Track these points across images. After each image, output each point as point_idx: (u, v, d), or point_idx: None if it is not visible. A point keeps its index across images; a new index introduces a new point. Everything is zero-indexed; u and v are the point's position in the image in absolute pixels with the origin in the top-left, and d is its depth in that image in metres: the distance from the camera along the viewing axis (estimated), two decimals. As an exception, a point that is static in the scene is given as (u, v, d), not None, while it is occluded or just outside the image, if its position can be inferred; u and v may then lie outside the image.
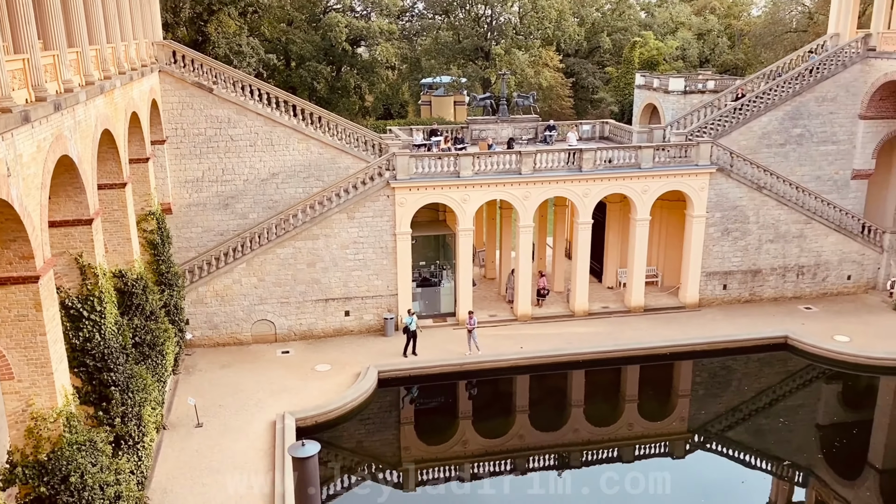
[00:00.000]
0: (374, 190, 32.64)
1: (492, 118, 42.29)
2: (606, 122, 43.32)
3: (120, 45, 25.04)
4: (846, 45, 38.55)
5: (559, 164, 34.44)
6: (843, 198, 39.38)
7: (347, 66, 68.40)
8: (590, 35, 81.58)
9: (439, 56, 70.02)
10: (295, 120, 33.35)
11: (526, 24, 70.06)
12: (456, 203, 33.54)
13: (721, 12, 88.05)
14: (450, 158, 33.55)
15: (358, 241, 33.02)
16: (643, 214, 35.32)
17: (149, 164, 27.93)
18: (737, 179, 35.96)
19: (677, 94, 50.53)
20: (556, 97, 76.25)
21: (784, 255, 37.51)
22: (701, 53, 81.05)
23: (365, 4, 68.87)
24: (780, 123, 38.20)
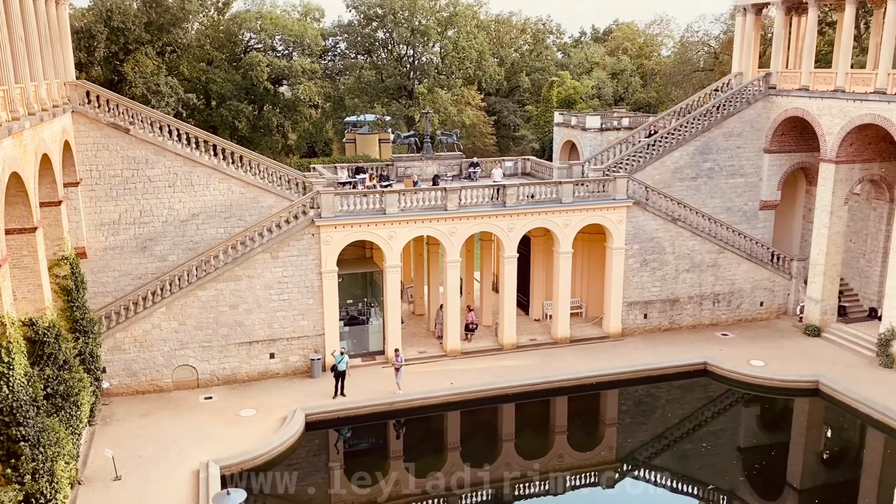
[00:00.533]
0: (299, 228, 32.33)
1: (417, 155, 42.70)
2: (528, 158, 44.35)
3: (29, 86, 24.21)
4: (749, 84, 40.82)
5: (484, 200, 34.96)
6: (752, 228, 41.31)
7: (270, 104, 67.96)
8: (510, 75, 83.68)
9: (363, 95, 70.45)
10: (216, 159, 32.84)
11: (448, 63, 71.36)
12: (382, 240, 33.54)
13: (633, 53, 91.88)
14: (375, 196, 33.63)
15: (282, 281, 32.54)
16: (566, 247, 36.12)
17: (61, 207, 26.93)
18: (652, 212, 37.27)
19: (594, 131, 52.27)
20: (480, 135, 77.60)
21: (700, 283, 38.94)
22: (615, 92, 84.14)
23: (286, 44, 68.79)
24: (692, 158, 39.95)
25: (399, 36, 69.48)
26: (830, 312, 38.55)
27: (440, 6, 70.99)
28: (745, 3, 42.26)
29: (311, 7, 74.39)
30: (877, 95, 34.36)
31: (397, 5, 68.49)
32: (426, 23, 68.91)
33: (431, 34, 69.24)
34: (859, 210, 40.22)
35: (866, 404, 30.64)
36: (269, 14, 68.44)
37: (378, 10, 69.47)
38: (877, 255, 39.45)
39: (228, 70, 65.33)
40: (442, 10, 70.79)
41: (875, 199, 39.48)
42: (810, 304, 38.82)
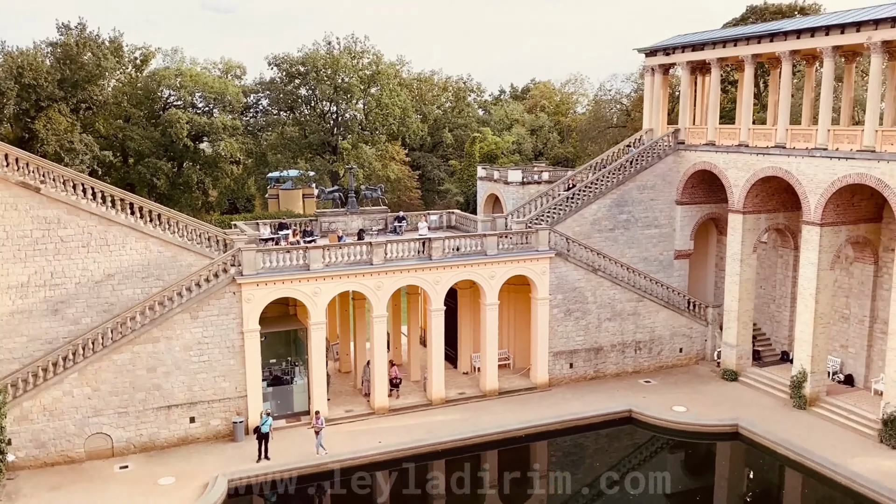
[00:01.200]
0: (219, 287, 31.60)
1: (341, 210, 42.65)
2: (453, 212, 44.94)
3: (-69, 144, 23.15)
4: (659, 139, 42.78)
5: (410, 254, 35.08)
6: (668, 276, 42.76)
7: (189, 161, 66.88)
8: (433, 130, 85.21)
9: (286, 150, 70.24)
10: (132, 218, 31.96)
11: (371, 120, 72.15)
12: (307, 297, 33.10)
13: (550, 110, 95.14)
14: (299, 252, 33.28)
15: (202, 342, 31.57)
16: (492, 299, 36.47)
17: (-36, 270, 25.54)
18: (574, 263, 38.18)
19: (516, 184, 53.35)
20: (404, 189, 78.28)
21: (622, 332, 39.86)
22: (535, 147, 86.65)
23: (207, 101, 68.19)
24: (609, 210, 41.30)
25: (322, 93, 70.01)
26: (746, 357, 39.99)
27: (363, 65, 72.07)
28: (652, 63, 44.59)
29: (232, 64, 74.27)
30: (777, 149, 36.54)
31: (320, 64, 69.18)
32: (349, 80, 69.75)
33: (355, 91, 70.05)
34: (767, 258, 42.25)
35: (784, 446, 31.68)
36: (189, 71, 67.89)
37: (300, 68, 69.97)
38: (786, 301, 41.36)
39: (147, 127, 64.16)
40: (365, 69, 71.86)
41: (781, 247, 41.58)
42: (726, 350, 40.19)
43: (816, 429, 33.09)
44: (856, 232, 35.30)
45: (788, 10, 60.80)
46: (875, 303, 36.32)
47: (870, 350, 36.70)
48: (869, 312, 36.51)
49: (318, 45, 70.95)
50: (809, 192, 34.71)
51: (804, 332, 35.64)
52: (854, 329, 37.34)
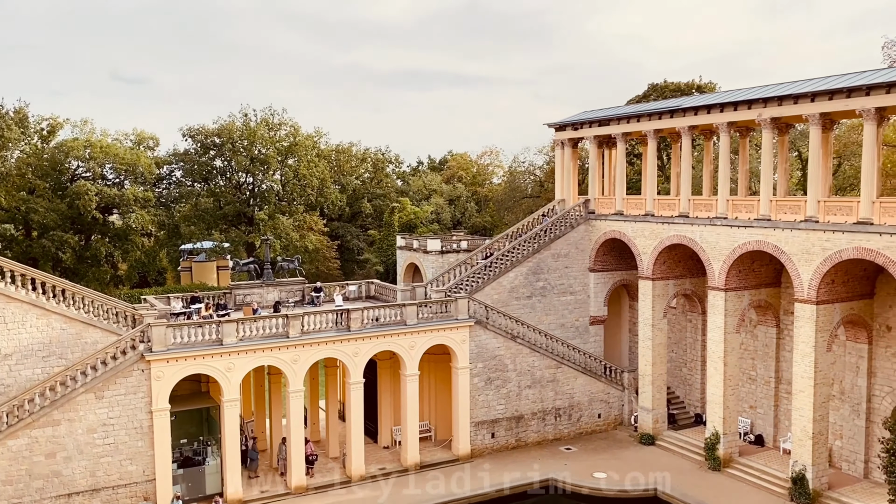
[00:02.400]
0: (127, 364, 30.23)
1: (256, 282, 41.87)
2: (372, 281, 44.79)
3: None
4: (571, 209, 44.26)
5: (328, 325, 34.58)
6: (585, 342, 43.58)
7: (98, 234, 64.57)
8: (352, 201, 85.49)
9: (200, 222, 68.79)
10: (34, 294, 30.45)
11: (289, 190, 71.81)
12: (220, 373, 32.01)
13: (467, 180, 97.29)
14: (212, 326, 32.32)
15: (108, 423, 29.93)
16: (412, 370, 36.17)
17: None
18: (493, 331, 38.48)
19: (435, 253, 53.92)
20: (323, 259, 77.65)
21: (542, 399, 40.12)
22: (453, 216, 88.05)
23: (118, 172, 66.49)
24: (525, 278, 42.09)
25: (238, 164, 69.43)
26: (661, 421, 40.81)
27: (280, 136, 72.11)
28: (562, 137, 46.50)
29: (144, 136, 72.96)
30: (681, 218, 38.36)
31: (236, 135, 68.82)
32: (266, 152, 69.53)
33: (272, 162, 69.79)
34: (677, 322, 43.74)
35: (701, 507, 32.18)
36: (100, 143, 66.22)
37: (216, 140, 69.37)
38: (696, 364, 42.73)
39: (52, 199, 61.83)
40: (282, 140, 71.88)
41: (690, 312, 43.18)
42: (643, 414, 40.94)
43: (731, 490, 33.82)
44: (758, 296, 37.09)
45: (686, 88, 64.85)
46: (779, 364, 37.97)
47: (777, 410, 38.15)
48: (774, 373, 38.11)
49: (235, 117, 70.76)
50: (713, 259, 36.40)
51: (715, 394, 36.77)
52: (761, 390, 38.82)
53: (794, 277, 32.65)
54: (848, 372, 34.35)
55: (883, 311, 33.29)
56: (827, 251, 31.24)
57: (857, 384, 33.86)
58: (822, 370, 32.30)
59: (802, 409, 32.71)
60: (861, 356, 33.74)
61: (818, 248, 31.56)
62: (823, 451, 32.69)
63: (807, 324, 32.22)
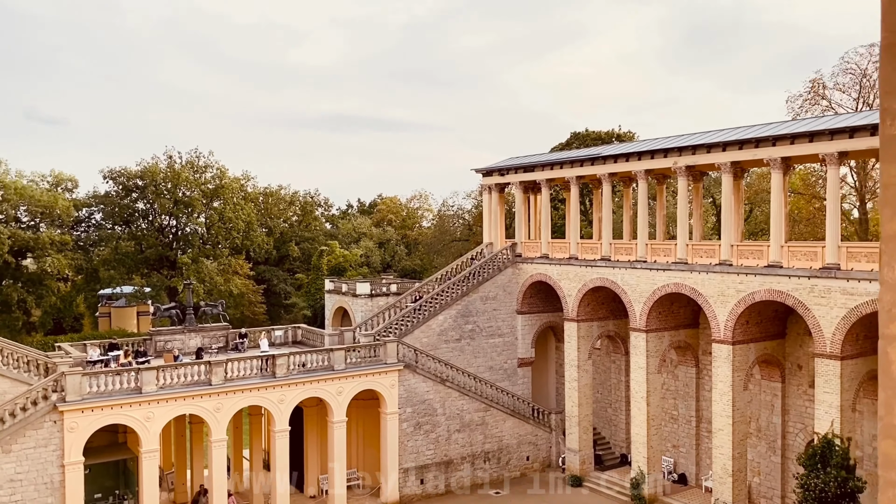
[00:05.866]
0: (38, 416, 28.77)
1: (178, 328, 40.72)
2: (299, 326, 44.16)
3: None
4: (499, 252, 44.97)
5: (252, 372, 33.83)
6: (513, 384, 43.92)
7: (10, 279, 61.69)
8: (279, 244, 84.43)
9: (120, 266, 66.58)
10: (-64, 343, 28.78)
11: (213, 234, 70.47)
12: (138, 422, 30.79)
13: (397, 224, 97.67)
14: (130, 374, 31.17)
15: (15, 479, 28.29)
16: (339, 416, 35.62)
17: None
18: (423, 374, 38.39)
19: (364, 297, 53.63)
20: (248, 304, 76.09)
21: (471, 442, 40.05)
22: (383, 259, 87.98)
23: (33, 215, 63.97)
24: (455, 321, 42.31)
25: (161, 207, 67.86)
26: (589, 462, 41.28)
27: (206, 179, 70.99)
28: (489, 182, 47.43)
29: (63, 177, 70.57)
30: (603, 262, 39.48)
31: (160, 177, 67.40)
32: (191, 194, 68.27)
33: (196, 205, 68.51)
34: (602, 363, 44.62)
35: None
36: (14, 184, 63.66)
37: (139, 182, 67.74)
38: (621, 404, 43.56)
39: (-40, 242, 58.87)
40: (207, 183, 70.77)
41: (613, 353, 44.15)
42: (570, 455, 41.34)
43: (656, 528, 34.31)
44: (677, 337, 38.30)
45: (607, 136, 67.34)
46: (699, 403, 39.11)
47: (698, 449, 39.15)
48: (695, 413, 39.20)
49: (158, 159, 69.38)
50: (634, 301, 37.49)
51: (639, 434, 37.51)
52: (683, 429, 39.82)
53: (711, 318, 33.92)
54: (764, 410, 35.68)
55: (794, 350, 34.87)
56: (741, 293, 32.65)
57: (773, 422, 35.18)
58: (739, 408, 33.46)
59: (722, 447, 33.71)
60: (775, 394, 35.14)
61: (732, 290, 32.97)
62: (743, 489, 33.66)
63: (724, 363, 33.41)
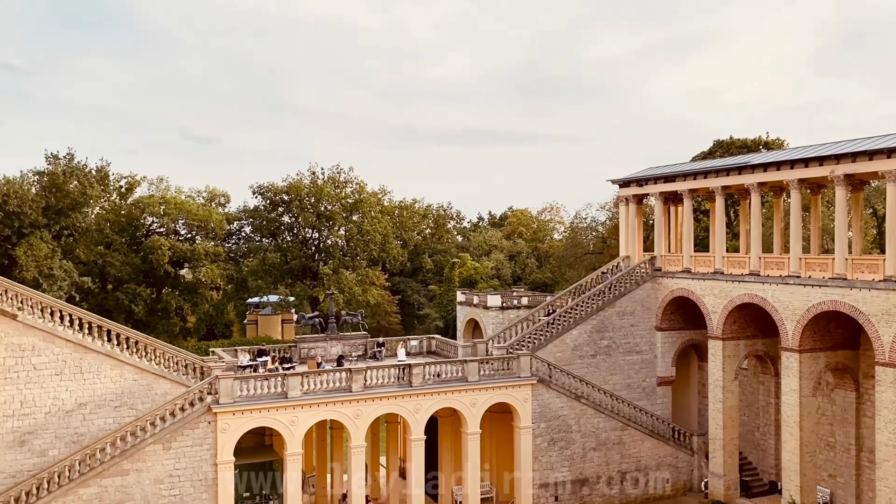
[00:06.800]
0: (194, 416, 30.72)
1: (321, 336, 42.31)
2: (433, 337, 44.75)
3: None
4: (636, 266, 43.61)
5: (390, 380, 34.57)
6: (652, 404, 42.31)
7: (169, 287, 66.69)
8: (413, 256, 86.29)
9: (267, 276, 70.36)
10: (109, 345, 31.44)
11: (352, 246, 73.04)
12: (283, 426, 32.21)
13: (528, 236, 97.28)
14: (277, 379, 32.69)
15: (174, 475, 30.31)
16: (473, 428, 35.67)
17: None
18: (557, 390, 37.78)
19: (496, 309, 53.65)
20: (384, 314, 78.17)
21: (607, 461, 38.92)
22: (514, 272, 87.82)
23: (190, 228, 68.94)
24: (589, 336, 41.39)
25: (305, 220, 71.14)
26: (734, 487, 39.02)
27: (346, 193, 73.77)
28: (626, 193, 46.18)
29: (216, 193, 75.72)
30: (752, 277, 37.34)
31: (304, 192, 70.72)
32: (332, 208, 71.14)
33: (337, 219, 71.30)
34: (749, 384, 42.15)
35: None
36: (174, 199, 69.00)
37: (284, 197, 71.39)
38: (770, 428, 40.91)
39: (128, 253, 64.35)
40: (347, 197, 73.50)
41: (762, 374, 41.59)
42: (713, 480, 39.25)
43: (811, 564, 31.86)
44: (834, 358, 35.54)
45: (753, 144, 63.89)
46: (860, 430, 36.04)
47: (859, 480, 36.05)
48: (854, 441, 36.16)
49: (303, 175, 72.83)
50: (786, 319, 35.18)
51: (791, 461, 35.06)
52: (841, 458, 36.82)
53: (875, 339, 31.23)
54: (937, 441, 32.34)
55: (973, 376, 31.39)
56: (910, 312, 29.85)
57: (948, 454, 31.80)
58: (908, 438, 30.53)
59: (887, 479, 30.86)
60: (951, 424, 31.78)
61: (900, 308, 30.20)
62: (912, 527, 30.64)
63: (889, 388, 30.63)
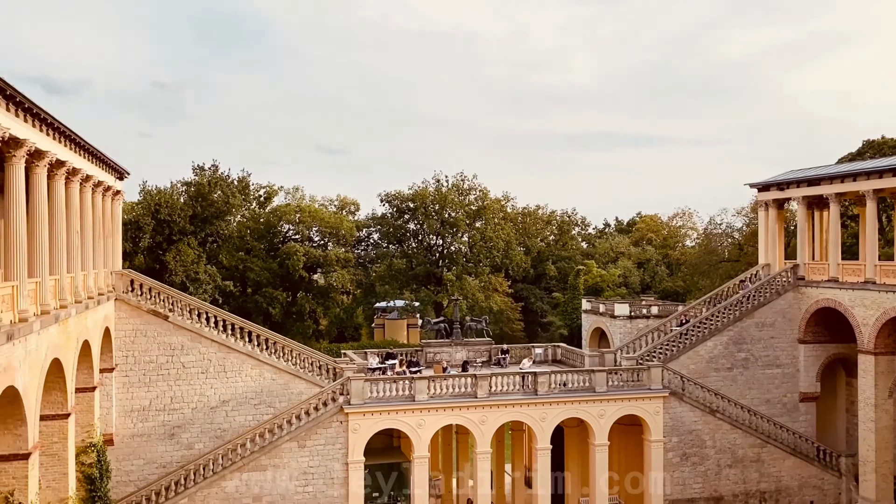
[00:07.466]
0: (327, 416, 31.83)
1: (446, 341, 42.78)
2: (559, 345, 44.17)
3: (79, 275, 25.27)
4: (777, 275, 41.18)
5: (515, 388, 34.42)
6: (793, 421, 39.76)
7: (303, 291, 69.71)
8: (536, 263, 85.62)
9: (393, 282, 72.09)
10: (250, 346, 33.18)
11: (475, 252, 73.49)
12: (411, 428, 32.78)
13: (658, 243, 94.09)
14: (405, 382, 33.33)
15: (308, 472, 31.51)
16: (601, 439, 34.88)
17: (95, 393, 27.05)
18: (690, 403, 36.28)
19: (623, 318, 52.34)
20: (507, 321, 78.01)
21: (744, 480, 36.93)
22: (642, 280, 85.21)
23: (322, 235, 71.83)
24: (726, 348, 39.47)
25: (430, 227, 72.33)
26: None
27: (469, 200, 74.37)
28: (766, 198, 43.76)
29: (347, 201, 78.50)
30: (909, 287, 34.36)
31: (429, 200, 71.94)
32: (455, 215, 71.92)
33: (460, 225, 72.01)
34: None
35: None
36: (308, 207, 72.17)
37: (410, 204, 72.92)
38: (930, 452, 37.42)
39: (266, 259, 67.83)
40: (471, 204, 74.08)
41: (920, 392, 38.12)
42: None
43: None
44: None
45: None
46: None
47: None
48: None
49: (428, 183, 74.09)
50: (950, 334, 32.10)
51: (957, 489, 31.93)
52: None
53: None
54: None
55: None
56: None
57: None
58: None
59: None
60: None
61: None
62: None
63: None
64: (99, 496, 26.30)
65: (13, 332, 16.76)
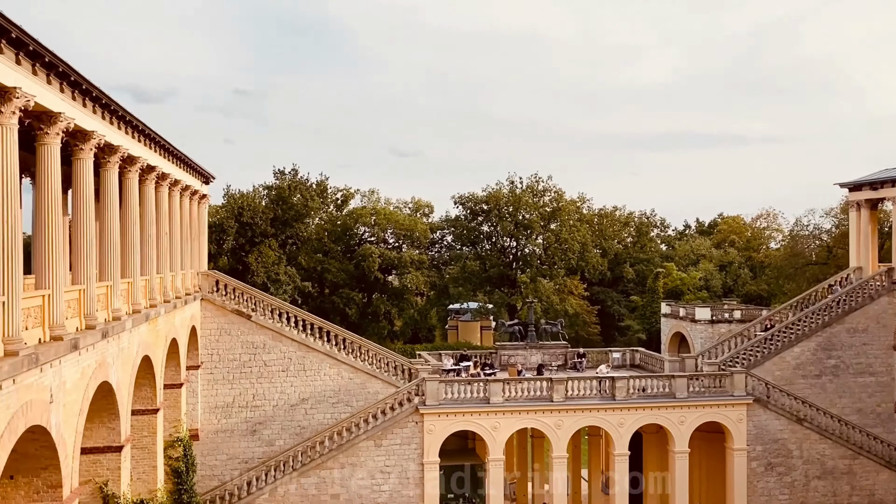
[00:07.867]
0: (403, 416, 32.12)
1: (520, 344, 42.57)
2: (637, 350, 43.34)
3: (168, 276, 26.33)
4: (870, 279, 39.21)
5: (591, 392, 33.92)
6: (888, 432, 37.73)
7: (378, 292, 70.66)
8: (613, 265, 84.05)
9: (466, 284, 72.14)
10: (328, 345, 33.83)
11: (550, 254, 72.75)
12: (486, 431, 32.71)
13: (741, 245, 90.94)
14: (479, 384, 33.29)
15: (384, 471, 31.87)
16: (681, 447, 33.98)
17: (182, 389, 28.10)
18: (775, 411, 34.94)
19: (704, 323, 50.79)
20: (583, 324, 76.93)
21: (834, 492, 35.31)
22: (724, 284, 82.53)
23: (397, 237, 72.66)
24: (814, 354, 37.85)
25: (503, 229, 72.08)
26: None
27: (544, 202, 73.73)
28: (857, 198, 41.74)
29: (421, 203, 79.09)
30: None
31: (503, 201, 71.70)
32: (530, 217, 71.44)
33: (535, 227, 71.47)
34: None
35: None
36: (383, 210, 73.13)
37: (484, 206, 72.84)
38: None
39: (343, 260, 69.10)
40: (546, 206, 73.42)
41: None
42: (969, 524, 34.21)
43: None
44: None
45: None
46: None
47: None
48: None
49: (502, 185, 73.85)
50: None
51: None
52: None
53: None
54: None
55: None
56: None
57: None
58: None
59: None
60: None
61: None
62: None
63: None
64: (185, 489, 27.30)
65: (107, 330, 17.60)
